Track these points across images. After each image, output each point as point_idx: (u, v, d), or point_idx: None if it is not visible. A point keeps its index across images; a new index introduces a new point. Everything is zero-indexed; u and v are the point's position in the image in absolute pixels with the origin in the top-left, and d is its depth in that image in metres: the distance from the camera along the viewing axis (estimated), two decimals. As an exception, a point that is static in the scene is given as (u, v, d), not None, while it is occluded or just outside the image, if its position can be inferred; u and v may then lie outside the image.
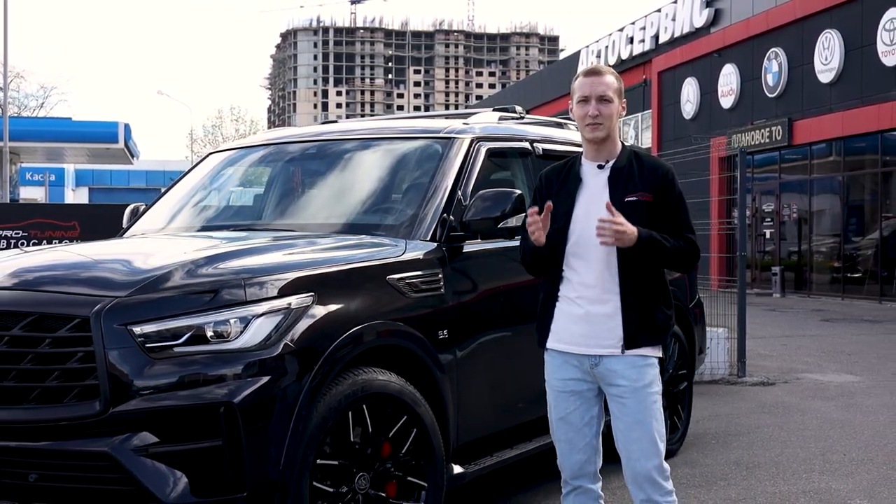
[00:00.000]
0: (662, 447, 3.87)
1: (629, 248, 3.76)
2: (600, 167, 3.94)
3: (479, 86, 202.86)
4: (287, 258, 4.34)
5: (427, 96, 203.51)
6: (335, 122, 6.60)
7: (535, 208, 3.78)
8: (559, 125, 6.78)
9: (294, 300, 4.08)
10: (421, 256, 4.79)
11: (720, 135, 26.91)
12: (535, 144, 5.94)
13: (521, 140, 5.88)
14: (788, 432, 7.64)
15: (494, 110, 6.15)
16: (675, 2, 30.40)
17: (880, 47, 20.85)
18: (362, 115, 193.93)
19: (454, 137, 5.41)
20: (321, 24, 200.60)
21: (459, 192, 5.13)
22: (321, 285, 4.22)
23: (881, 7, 20.89)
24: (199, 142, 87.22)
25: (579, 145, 6.54)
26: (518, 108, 6.26)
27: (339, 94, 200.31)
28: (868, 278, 22.11)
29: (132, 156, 41.08)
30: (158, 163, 63.50)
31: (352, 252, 4.59)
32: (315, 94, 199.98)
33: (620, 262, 3.81)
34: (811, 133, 23.40)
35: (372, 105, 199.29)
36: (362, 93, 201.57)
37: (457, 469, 4.82)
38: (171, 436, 3.80)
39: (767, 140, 24.73)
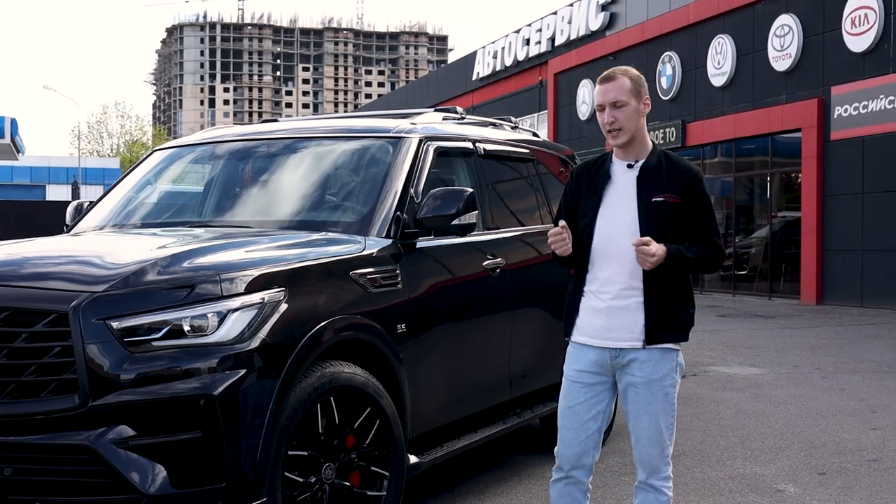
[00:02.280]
0: (668, 435, 4.01)
1: (669, 245, 3.88)
2: (630, 166, 4.02)
3: (369, 84, 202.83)
4: (257, 254, 4.41)
5: (316, 94, 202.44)
6: (275, 120, 6.66)
7: (561, 224, 3.90)
8: (494, 125, 6.97)
9: (267, 295, 4.17)
10: (379, 252, 4.91)
11: (615, 136, 27.48)
12: (476, 144, 6.13)
13: (464, 140, 6.05)
14: (706, 422, 7.97)
15: (436, 111, 6.30)
16: (572, 5, 30.94)
17: (771, 52, 21.60)
18: (250, 113, 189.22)
19: (403, 137, 5.54)
20: (208, 20, 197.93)
21: (412, 191, 5.27)
22: (291, 280, 4.32)
23: (772, 14, 21.63)
24: (84, 138, 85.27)
25: (516, 144, 6.79)
26: (459, 109, 6.42)
27: (226, 90, 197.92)
28: (758, 276, 22.89)
29: (18, 151, 40.05)
30: (43, 159, 62.01)
31: (318, 248, 4.69)
32: (202, 90, 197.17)
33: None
34: (704, 135, 24.10)
35: (260, 102, 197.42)
36: (250, 90, 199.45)
37: (413, 459, 4.96)
38: (150, 428, 3.87)
39: (662, 141, 25.37)
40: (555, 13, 32.04)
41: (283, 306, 4.22)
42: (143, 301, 3.97)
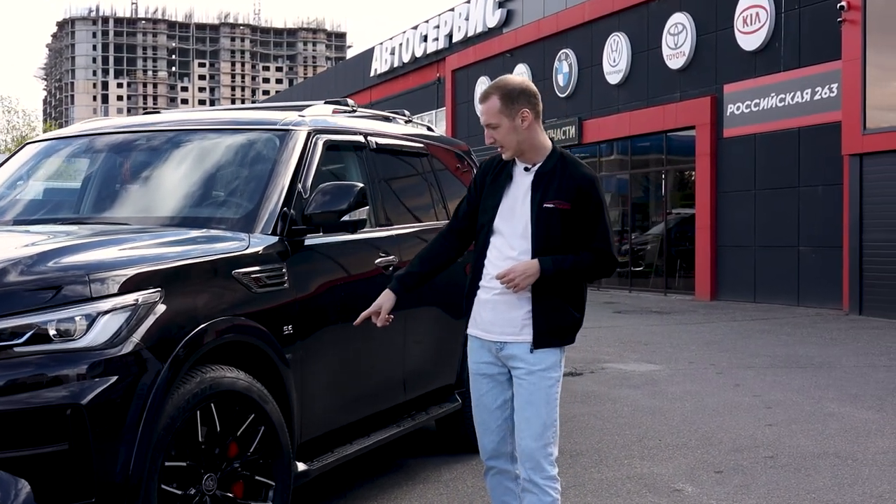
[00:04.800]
0: (552, 432, 3.99)
1: (544, 259, 3.92)
2: (527, 169, 4.05)
3: (266, 80, 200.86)
4: (131, 253, 4.13)
5: (213, 90, 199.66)
6: (157, 112, 6.37)
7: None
8: (386, 119, 6.77)
9: (141, 296, 3.90)
10: (265, 250, 4.67)
11: (513, 133, 27.51)
12: (368, 138, 5.92)
13: (355, 133, 5.84)
14: (604, 420, 7.89)
15: (326, 103, 6.07)
16: (469, 1, 30.89)
17: (665, 51, 21.81)
18: (145, 109, 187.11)
19: (291, 129, 5.31)
20: (101, 14, 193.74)
21: (300, 185, 5.05)
22: (168, 280, 4.06)
23: (666, 12, 21.85)
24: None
25: (410, 138, 6.61)
26: (350, 102, 6.20)
27: (119, 86, 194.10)
28: (653, 272, 23.10)
29: None
30: (-75, 155, 59.92)
31: (197, 246, 4.42)
32: (94, 85, 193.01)
33: (533, 258, 3.96)
34: (600, 132, 24.24)
35: (155, 98, 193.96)
36: (145, 85, 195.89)
37: (301, 467, 4.76)
38: (12, 441, 3.58)
39: (561, 138, 25.46)
40: (452, 10, 31.97)
41: (160, 308, 3.96)
42: (4, 303, 3.67)
